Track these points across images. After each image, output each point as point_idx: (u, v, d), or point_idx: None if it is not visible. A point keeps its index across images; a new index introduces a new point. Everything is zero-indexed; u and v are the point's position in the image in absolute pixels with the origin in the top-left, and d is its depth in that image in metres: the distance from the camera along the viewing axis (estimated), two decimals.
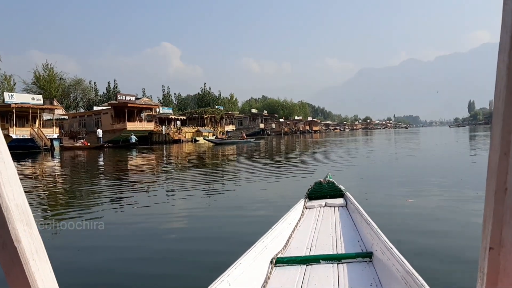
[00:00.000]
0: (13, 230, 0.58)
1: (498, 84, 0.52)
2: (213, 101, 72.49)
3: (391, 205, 5.16)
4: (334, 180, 3.65)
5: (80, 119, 41.44)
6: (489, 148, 0.55)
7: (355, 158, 14.10)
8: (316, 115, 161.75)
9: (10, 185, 0.58)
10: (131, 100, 40.02)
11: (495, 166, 0.52)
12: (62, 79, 53.59)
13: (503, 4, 0.50)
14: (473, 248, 3.03)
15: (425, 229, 3.94)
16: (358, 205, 2.92)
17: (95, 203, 6.32)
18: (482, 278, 0.55)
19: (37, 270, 0.60)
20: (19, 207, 0.59)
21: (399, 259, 1.67)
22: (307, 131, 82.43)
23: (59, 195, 7.64)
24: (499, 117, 0.51)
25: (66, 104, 53.32)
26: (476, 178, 7.37)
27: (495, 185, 0.52)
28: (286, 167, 11.45)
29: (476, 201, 5.01)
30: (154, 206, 5.99)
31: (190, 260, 3.31)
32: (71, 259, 3.45)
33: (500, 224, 0.52)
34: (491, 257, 0.53)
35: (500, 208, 0.52)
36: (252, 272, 1.86)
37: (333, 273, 1.91)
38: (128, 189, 8.02)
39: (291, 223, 2.76)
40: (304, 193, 3.60)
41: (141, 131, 40.01)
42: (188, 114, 53.41)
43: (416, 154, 15.08)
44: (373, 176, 8.72)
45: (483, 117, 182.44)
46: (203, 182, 8.61)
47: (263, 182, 8.20)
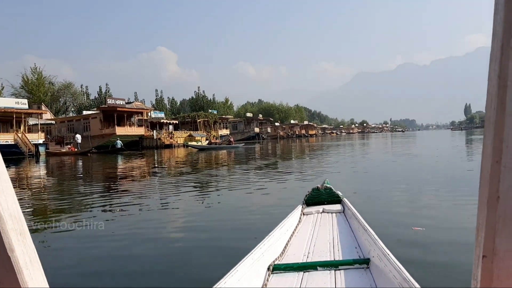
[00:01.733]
0: (6, 240, 0.57)
1: (490, 92, 0.52)
2: (207, 105, 71.24)
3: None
4: (331, 186, 3.62)
5: (68, 123, 40.10)
6: (481, 156, 0.55)
7: (351, 168, 13.00)
8: (313, 119, 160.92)
9: (4, 195, 0.58)
10: (121, 104, 38.79)
11: (487, 174, 0.53)
12: (51, 83, 52.21)
13: (494, 14, 0.51)
14: (469, 256, 2.59)
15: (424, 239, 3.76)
16: (356, 211, 2.92)
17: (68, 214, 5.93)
18: (475, 286, 0.55)
19: (30, 280, 0.60)
20: (13, 217, 0.59)
21: (396, 265, 1.68)
22: (303, 135, 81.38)
23: (37, 202, 7.44)
24: (491, 126, 0.52)
25: (56, 108, 51.89)
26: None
27: (488, 193, 0.52)
28: (277, 175, 10.38)
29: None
30: (145, 212, 5.83)
31: (188, 264, 3.28)
32: (71, 259, 3.52)
33: (493, 232, 0.52)
34: (484, 265, 0.53)
35: (493, 216, 0.52)
36: (249, 279, 1.85)
37: (330, 280, 1.90)
38: (108, 196, 7.70)
39: (288, 230, 2.75)
40: (302, 199, 3.55)
41: (131, 136, 38.85)
42: (181, 118, 52.17)
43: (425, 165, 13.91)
44: (370, 191, 7.49)
45: (480, 121, 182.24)
46: (193, 188, 8.23)
47: (252, 190, 7.61)
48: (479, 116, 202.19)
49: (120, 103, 39.00)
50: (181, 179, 10.49)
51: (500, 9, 0.50)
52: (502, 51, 0.50)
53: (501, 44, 0.50)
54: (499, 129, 0.51)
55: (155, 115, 47.44)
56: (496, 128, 0.51)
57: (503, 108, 0.50)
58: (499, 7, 0.50)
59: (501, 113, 0.50)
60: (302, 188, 6.91)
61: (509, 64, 0.50)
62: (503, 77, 0.50)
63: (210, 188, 8.49)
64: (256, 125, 68.17)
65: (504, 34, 0.50)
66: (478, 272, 0.54)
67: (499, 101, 0.50)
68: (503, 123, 0.51)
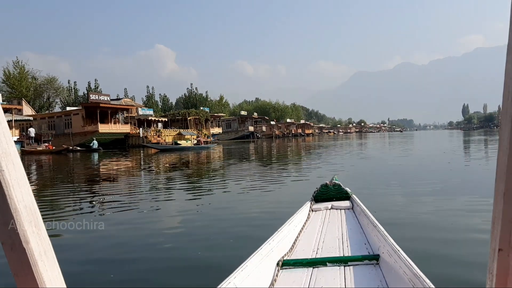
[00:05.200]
0: (21, 232, 0.58)
1: (507, 85, 0.51)
2: (200, 102, 68.92)
3: None
4: (340, 183, 3.60)
5: (49, 120, 37.83)
6: (498, 150, 0.54)
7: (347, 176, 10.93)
8: (310, 118, 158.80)
9: (19, 187, 0.58)
10: (105, 100, 36.62)
11: (503, 167, 0.51)
12: (34, 78, 49.64)
13: (511, 6, 0.50)
14: (483, 250, 3.01)
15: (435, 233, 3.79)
16: (365, 208, 2.93)
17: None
18: (491, 280, 0.54)
19: (45, 271, 0.60)
20: (28, 209, 0.60)
21: (407, 261, 1.67)
22: (299, 135, 79.32)
23: None
24: (508, 118, 0.51)
25: (39, 104, 49.44)
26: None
27: (504, 187, 0.51)
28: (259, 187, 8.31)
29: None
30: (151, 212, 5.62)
31: (195, 262, 3.24)
32: (71, 259, 3.40)
33: (509, 226, 0.51)
34: (500, 258, 0.52)
35: (509, 209, 0.51)
36: (258, 274, 1.85)
37: (339, 276, 1.90)
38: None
39: (297, 226, 2.73)
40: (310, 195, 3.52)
41: (115, 134, 36.75)
42: (171, 116, 49.93)
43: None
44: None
45: (478, 121, 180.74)
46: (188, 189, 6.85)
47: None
48: (477, 117, 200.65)
49: (104, 99, 36.86)
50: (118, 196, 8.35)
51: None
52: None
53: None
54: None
55: (143, 112, 45.14)
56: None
57: None
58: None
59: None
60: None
61: None
62: None
63: (224, 184, 7.05)
64: (251, 123, 66.04)
65: None
66: (493, 266, 0.53)
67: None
68: None
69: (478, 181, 7.85)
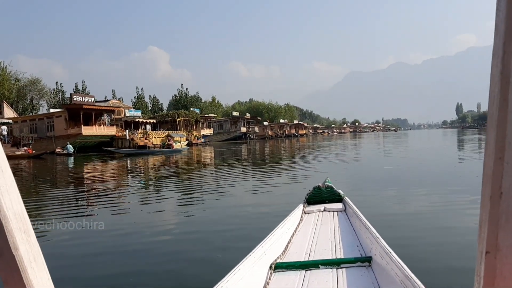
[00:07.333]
0: (11, 238, 0.58)
1: (492, 89, 0.52)
2: (191, 103, 67.45)
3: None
4: (332, 185, 3.58)
5: (31, 123, 36.24)
6: (484, 153, 0.55)
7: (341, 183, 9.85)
8: (304, 118, 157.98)
9: (8, 193, 0.58)
10: (89, 102, 35.17)
11: (490, 171, 0.52)
12: (17, 79, 47.94)
13: (496, 10, 0.51)
14: (471, 252, 2.87)
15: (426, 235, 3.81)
16: (357, 210, 2.91)
17: None
18: (479, 282, 0.55)
19: (35, 278, 0.60)
20: (17, 215, 0.59)
21: (398, 263, 1.68)
22: (293, 135, 78.21)
23: None
24: (494, 122, 0.51)
25: (23, 107, 47.76)
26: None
27: (490, 190, 0.52)
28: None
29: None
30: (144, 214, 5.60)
31: (189, 263, 3.27)
32: (71, 259, 3.48)
33: (496, 228, 0.52)
34: (487, 261, 0.53)
35: (496, 212, 0.52)
36: (251, 277, 1.84)
37: (332, 278, 1.90)
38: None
39: (290, 228, 2.74)
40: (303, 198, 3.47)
41: (100, 136, 35.27)
42: (160, 117, 48.51)
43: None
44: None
45: (472, 120, 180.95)
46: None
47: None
48: (471, 115, 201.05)
49: (88, 101, 35.40)
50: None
51: (503, 7, 0.50)
52: (504, 48, 0.50)
53: (503, 41, 0.50)
54: (502, 126, 0.51)
55: (130, 113, 43.68)
56: (498, 125, 0.51)
57: (505, 105, 0.50)
58: (502, 4, 0.50)
59: (504, 110, 0.50)
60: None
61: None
62: (506, 74, 0.50)
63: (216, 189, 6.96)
64: (243, 124, 64.76)
65: (506, 31, 0.50)
66: (481, 268, 0.54)
67: (502, 98, 0.50)
68: (505, 120, 0.50)
69: (473, 180, 7.41)
